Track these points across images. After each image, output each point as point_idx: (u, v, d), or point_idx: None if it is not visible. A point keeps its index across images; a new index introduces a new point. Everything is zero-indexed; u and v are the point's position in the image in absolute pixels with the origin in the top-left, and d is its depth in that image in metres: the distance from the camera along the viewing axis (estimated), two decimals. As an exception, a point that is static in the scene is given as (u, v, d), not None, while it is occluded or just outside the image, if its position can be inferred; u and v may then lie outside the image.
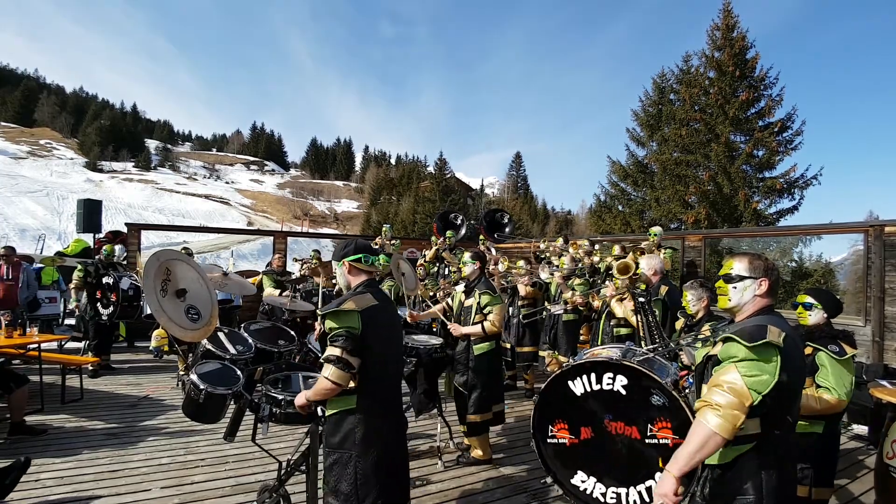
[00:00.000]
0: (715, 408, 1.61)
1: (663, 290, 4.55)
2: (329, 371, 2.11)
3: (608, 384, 2.54)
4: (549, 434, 2.73)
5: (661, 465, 2.37)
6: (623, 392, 2.50)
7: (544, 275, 6.08)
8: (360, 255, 2.35)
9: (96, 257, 7.09)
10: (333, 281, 7.24)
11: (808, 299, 2.75)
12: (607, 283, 5.12)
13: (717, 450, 1.65)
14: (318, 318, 2.31)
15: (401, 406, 2.52)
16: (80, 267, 6.74)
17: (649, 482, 2.43)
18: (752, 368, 1.62)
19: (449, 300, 4.41)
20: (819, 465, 2.60)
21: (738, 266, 1.89)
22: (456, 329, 3.97)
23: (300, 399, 2.32)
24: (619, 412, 2.49)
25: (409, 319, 4.24)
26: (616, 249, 6.61)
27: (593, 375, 2.58)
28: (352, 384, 2.18)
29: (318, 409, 2.41)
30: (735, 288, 1.87)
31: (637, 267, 4.45)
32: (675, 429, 2.33)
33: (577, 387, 2.63)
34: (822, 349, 2.53)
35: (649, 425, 2.41)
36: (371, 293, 2.31)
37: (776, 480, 1.66)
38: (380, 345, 2.26)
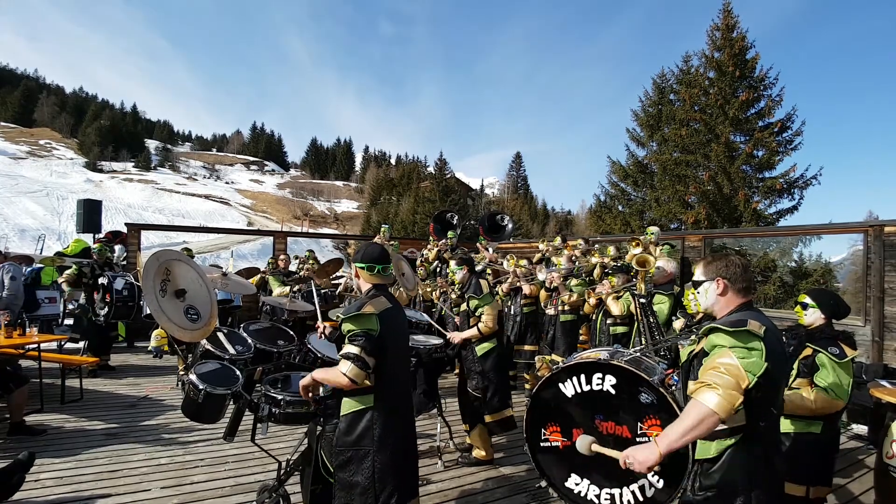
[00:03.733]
0: (714, 387, 1.61)
1: (676, 289, 4.59)
2: (347, 367, 2.18)
3: (598, 384, 2.55)
4: (542, 437, 2.74)
5: None
6: (612, 392, 2.51)
7: (542, 276, 6.08)
8: (365, 265, 2.47)
9: (93, 258, 6.94)
10: (334, 282, 7.26)
11: (807, 299, 2.77)
12: (603, 281, 5.13)
13: (710, 431, 1.63)
14: (337, 320, 2.40)
15: (411, 405, 2.62)
16: (74, 266, 6.69)
17: (642, 481, 2.44)
18: (743, 352, 1.65)
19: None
20: (817, 464, 2.61)
21: (698, 272, 1.99)
22: (454, 337, 4.02)
23: (306, 379, 2.39)
24: (609, 412, 2.50)
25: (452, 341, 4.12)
26: (611, 250, 6.61)
27: (583, 377, 2.59)
28: (367, 383, 2.26)
29: (323, 400, 2.43)
30: (699, 293, 1.97)
31: (654, 262, 4.45)
32: (664, 426, 2.34)
33: (568, 388, 2.64)
34: (822, 351, 2.54)
35: (639, 423, 2.42)
36: (384, 296, 2.43)
37: (764, 472, 1.68)
38: (394, 345, 2.38)
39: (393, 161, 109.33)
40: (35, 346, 5.12)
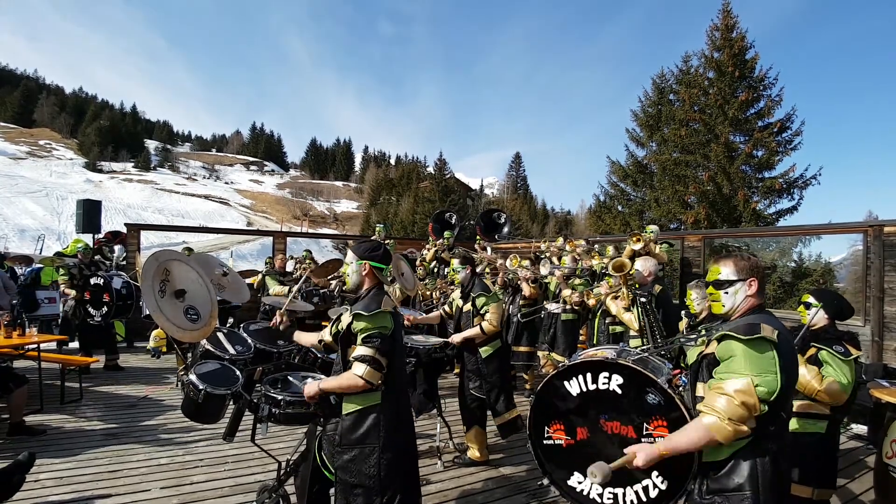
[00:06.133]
0: (722, 418, 1.61)
1: (657, 288, 4.56)
2: (363, 370, 2.17)
3: (604, 384, 2.53)
4: (546, 435, 2.72)
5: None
6: (619, 391, 2.49)
7: (544, 270, 6.08)
8: (382, 266, 2.45)
9: (78, 258, 6.74)
10: (333, 282, 7.23)
11: (810, 299, 2.78)
12: (601, 281, 5.13)
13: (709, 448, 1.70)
14: (350, 317, 2.33)
15: (409, 402, 2.65)
16: (63, 271, 6.57)
17: (646, 481, 2.43)
18: (756, 368, 1.62)
19: (447, 306, 4.40)
20: (821, 465, 2.60)
21: (725, 270, 1.88)
22: (455, 338, 3.93)
23: (312, 388, 2.34)
24: (614, 412, 2.48)
25: (407, 322, 4.22)
26: (610, 250, 6.61)
27: (589, 375, 2.57)
28: (380, 383, 2.26)
29: (331, 399, 2.41)
30: (727, 293, 1.86)
31: (632, 266, 4.45)
32: (670, 427, 2.33)
33: (573, 387, 2.63)
34: (826, 348, 2.54)
35: (645, 424, 2.40)
36: (386, 294, 2.43)
37: (772, 475, 1.67)
38: (399, 343, 2.43)
39: (392, 161, 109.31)
40: (34, 346, 5.11)
